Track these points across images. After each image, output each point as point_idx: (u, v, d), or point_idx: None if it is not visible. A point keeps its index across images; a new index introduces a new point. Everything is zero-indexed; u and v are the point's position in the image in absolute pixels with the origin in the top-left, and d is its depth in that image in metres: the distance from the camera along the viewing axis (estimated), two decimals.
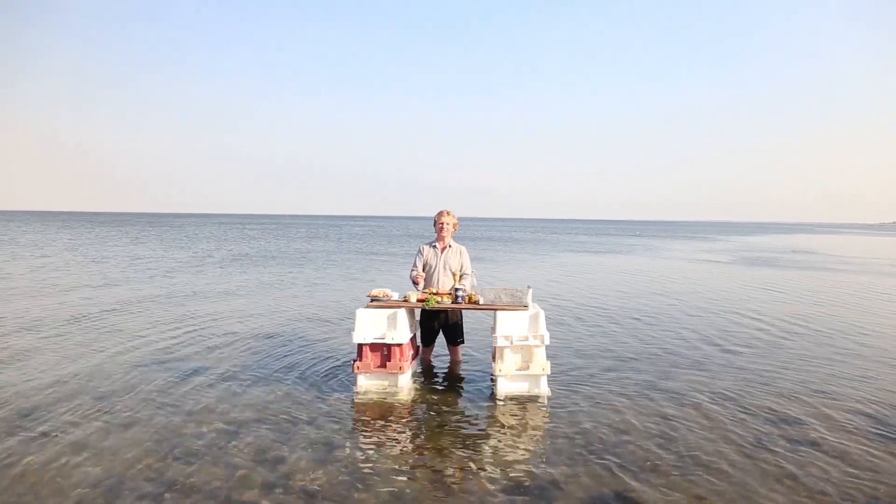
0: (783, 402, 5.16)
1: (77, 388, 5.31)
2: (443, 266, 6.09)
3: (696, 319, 9.43)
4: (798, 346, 7.42)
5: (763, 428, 4.53)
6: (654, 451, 4.08)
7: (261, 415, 4.72)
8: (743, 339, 7.83)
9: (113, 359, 6.40)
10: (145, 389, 5.32)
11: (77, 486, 3.49)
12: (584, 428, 4.50)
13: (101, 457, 3.89)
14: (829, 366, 6.43)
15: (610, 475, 3.71)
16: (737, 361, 6.62)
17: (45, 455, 3.89)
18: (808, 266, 21.51)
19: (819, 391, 5.46)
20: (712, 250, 32.35)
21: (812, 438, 4.33)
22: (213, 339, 7.47)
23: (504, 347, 5.22)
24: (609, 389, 5.47)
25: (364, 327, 5.38)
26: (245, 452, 3.99)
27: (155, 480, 3.57)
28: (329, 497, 3.40)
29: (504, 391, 5.23)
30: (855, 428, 4.55)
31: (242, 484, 3.55)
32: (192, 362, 6.31)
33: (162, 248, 26.25)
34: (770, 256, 27.15)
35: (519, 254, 27.32)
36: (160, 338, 7.49)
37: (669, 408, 4.97)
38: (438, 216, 6.21)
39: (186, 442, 4.16)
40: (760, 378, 5.90)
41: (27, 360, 6.32)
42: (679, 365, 6.44)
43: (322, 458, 3.92)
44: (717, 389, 5.49)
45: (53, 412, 4.70)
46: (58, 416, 4.61)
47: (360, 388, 5.36)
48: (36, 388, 5.28)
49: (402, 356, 5.39)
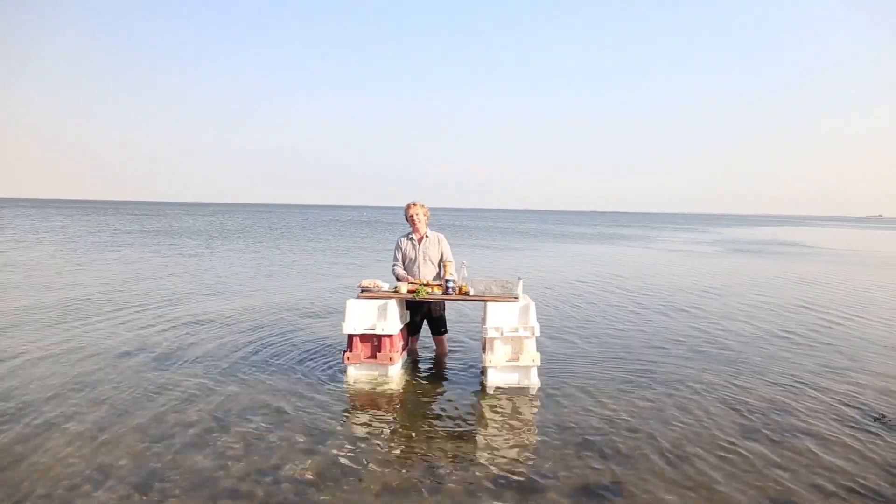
0: (773, 391, 5.21)
1: (63, 378, 5.27)
2: (422, 257, 6.08)
3: (686, 309, 9.48)
4: (789, 335, 7.49)
5: (753, 418, 4.57)
6: (643, 442, 4.11)
7: (250, 405, 4.71)
8: (733, 329, 7.89)
9: (100, 348, 6.37)
10: (132, 379, 5.30)
11: (66, 475, 3.48)
12: (573, 419, 4.53)
13: (89, 446, 3.87)
14: (821, 356, 6.50)
15: (599, 466, 3.74)
16: (727, 352, 6.67)
17: (34, 445, 3.87)
18: (796, 256, 21.69)
19: (811, 382, 5.52)
20: (701, 241, 32.55)
21: (802, 428, 4.38)
22: (201, 329, 7.44)
23: (494, 338, 5.23)
24: (599, 380, 5.51)
25: (354, 318, 5.38)
26: (235, 443, 3.99)
27: (142, 470, 3.56)
28: (319, 487, 3.41)
29: (494, 382, 5.25)
30: (846, 417, 4.61)
31: (232, 474, 3.54)
32: (182, 352, 6.28)
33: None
34: (759, 248, 27.35)
35: (513, 243, 27.37)
36: (148, 326, 7.46)
37: (659, 399, 5.01)
38: (407, 209, 6.11)
39: (175, 432, 4.15)
40: (751, 368, 5.95)
41: (10, 350, 6.27)
42: (669, 356, 6.49)
43: (312, 449, 3.92)
44: (707, 380, 5.54)
45: (40, 403, 4.67)
46: (44, 407, 4.58)
47: (351, 379, 5.36)
48: (24, 380, 5.25)
49: (393, 347, 5.39)
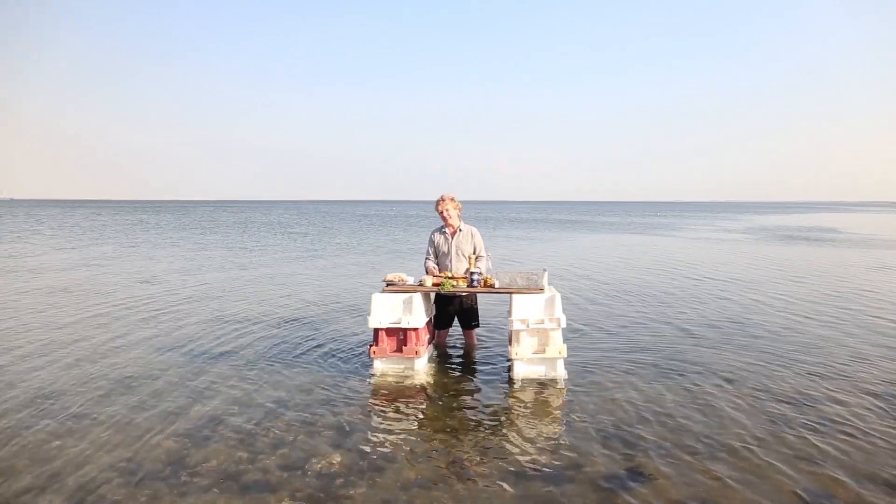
0: (804, 382, 5.08)
1: (95, 372, 5.39)
2: (455, 251, 6.05)
3: (716, 299, 9.31)
4: (820, 326, 7.30)
5: (782, 409, 4.46)
6: (671, 432, 4.05)
7: (278, 399, 4.75)
8: (765, 320, 7.72)
9: (128, 342, 6.50)
10: (162, 373, 5.39)
11: (97, 466, 3.55)
12: (600, 410, 4.47)
13: (120, 439, 3.95)
14: (853, 346, 6.32)
15: (626, 457, 3.69)
16: (758, 342, 6.52)
17: (65, 436, 3.96)
18: (830, 243, 21.15)
19: (841, 373, 5.37)
20: (733, 230, 31.94)
21: (833, 419, 4.26)
22: (228, 323, 7.54)
23: (520, 331, 5.19)
24: (626, 371, 5.43)
25: (380, 312, 5.39)
26: (262, 436, 4.03)
27: (172, 463, 3.62)
28: (346, 480, 3.42)
29: (520, 374, 5.22)
30: (880, 408, 4.47)
31: (260, 467, 3.58)
32: (209, 347, 6.37)
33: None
34: (794, 235, 26.72)
35: (539, 234, 27.20)
36: (176, 321, 7.59)
37: (687, 389, 4.92)
38: (437, 204, 6.06)
39: (203, 425, 4.21)
40: (780, 359, 5.81)
41: (45, 341, 6.44)
42: (699, 346, 6.37)
43: (339, 442, 3.94)
44: (736, 370, 5.42)
45: (74, 394, 4.78)
46: (78, 399, 4.68)
47: (377, 372, 5.38)
48: (57, 371, 5.38)
49: (419, 340, 5.39)
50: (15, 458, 3.70)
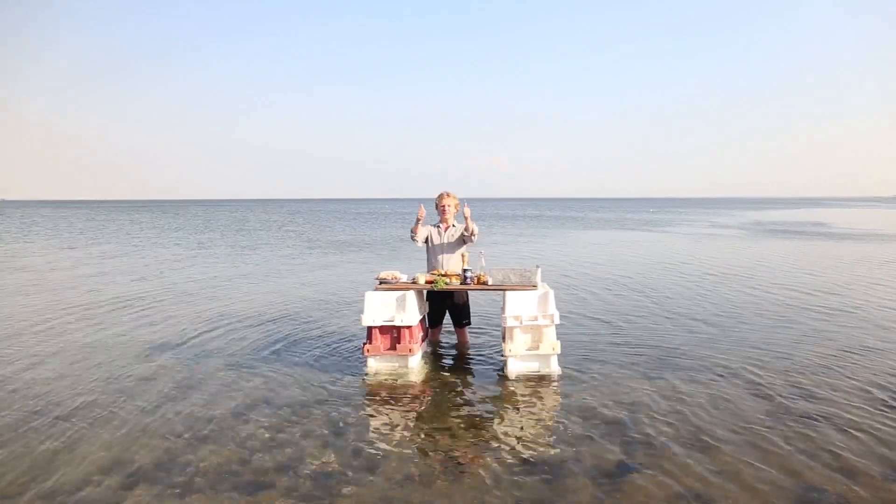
0: (798, 376, 5.10)
1: (88, 372, 5.37)
2: (447, 245, 6.07)
3: (709, 293, 9.34)
4: (813, 318, 7.33)
5: (777, 403, 4.49)
6: (665, 429, 4.06)
7: (271, 398, 4.75)
8: (758, 313, 7.75)
9: (121, 341, 6.48)
10: (155, 373, 5.37)
11: (91, 468, 3.54)
12: (594, 406, 4.49)
13: (111, 440, 3.94)
14: (846, 338, 6.36)
15: (621, 452, 3.70)
16: (752, 336, 6.55)
17: (60, 439, 3.95)
18: (819, 237, 21.24)
19: (839, 365, 5.40)
20: (727, 225, 32.03)
21: (830, 412, 4.28)
22: (221, 322, 7.52)
23: (514, 327, 5.20)
24: (620, 366, 5.45)
25: (373, 310, 5.38)
26: (256, 436, 4.03)
27: (166, 463, 3.62)
28: (341, 479, 3.42)
29: (514, 371, 5.23)
30: (873, 399, 4.50)
31: (254, 467, 3.58)
32: (202, 346, 6.35)
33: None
34: (786, 229, 26.83)
35: (535, 230, 27.23)
36: (169, 321, 7.57)
37: (681, 385, 4.94)
38: (440, 199, 6.14)
39: (197, 425, 4.20)
40: (774, 352, 5.84)
41: (35, 343, 6.41)
42: (692, 341, 6.40)
43: (333, 441, 3.94)
44: (730, 364, 5.45)
45: (70, 394, 4.76)
46: (71, 399, 4.67)
47: (371, 371, 5.38)
48: (52, 371, 5.36)
49: (412, 338, 5.39)
50: (12, 457, 3.69)
